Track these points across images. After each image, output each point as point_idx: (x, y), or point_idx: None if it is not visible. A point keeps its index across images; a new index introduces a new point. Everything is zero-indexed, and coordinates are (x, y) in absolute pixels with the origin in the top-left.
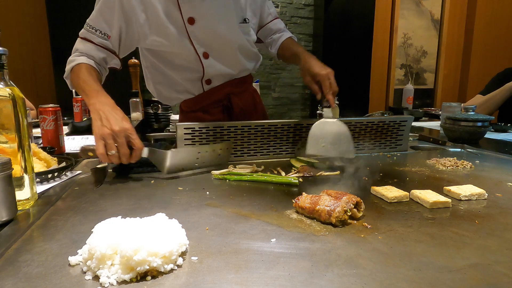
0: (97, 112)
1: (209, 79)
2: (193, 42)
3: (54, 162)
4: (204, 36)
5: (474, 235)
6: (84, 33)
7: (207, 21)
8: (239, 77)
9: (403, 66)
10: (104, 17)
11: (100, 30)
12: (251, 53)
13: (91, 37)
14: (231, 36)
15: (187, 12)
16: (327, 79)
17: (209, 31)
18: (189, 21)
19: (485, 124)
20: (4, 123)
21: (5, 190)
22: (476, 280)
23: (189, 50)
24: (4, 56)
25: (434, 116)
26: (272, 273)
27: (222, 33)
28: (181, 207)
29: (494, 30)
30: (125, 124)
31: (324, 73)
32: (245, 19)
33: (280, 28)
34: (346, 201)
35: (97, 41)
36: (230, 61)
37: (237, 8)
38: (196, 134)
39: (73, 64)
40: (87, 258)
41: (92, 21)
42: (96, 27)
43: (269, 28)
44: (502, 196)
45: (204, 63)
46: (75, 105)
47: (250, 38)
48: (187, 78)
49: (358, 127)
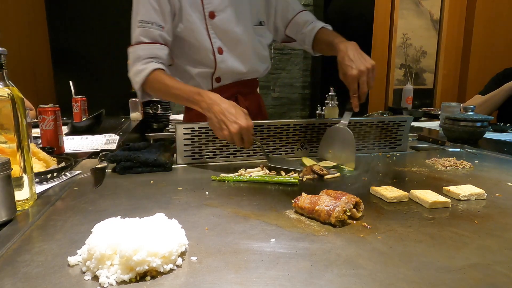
0: (213, 113)
1: (219, 76)
2: (211, 36)
3: (53, 162)
4: (222, 31)
5: (473, 235)
6: (139, 33)
7: (225, 17)
8: (247, 78)
9: (402, 66)
10: (152, 6)
11: (155, 22)
12: (263, 56)
13: (150, 32)
14: (246, 36)
15: (209, 6)
16: (355, 81)
17: (227, 27)
18: (210, 15)
19: (485, 124)
20: (3, 123)
21: (4, 190)
22: (475, 280)
23: (207, 43)
24: (3, 56)
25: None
26: (272, 273)
27: (237, 31)
28: (180, 207)
29: (493, 30)
30: (240, 120)
31: (353, 74)
32: (261, 22)
33: (308, 19)
34: (345, 201)
35: (157, 35)
36: (242, 59)
37: (252, 11)
38: (196, 134)
39: (146, 73)
40: (86, 258)
41: (145, 15)
42: (151, 20)
43: (296, 22)
44: (502, 196)
45: (217, 58)
46: (74, 105)
47: (264, 41)
48: (199, 74)
49: (358, 127)
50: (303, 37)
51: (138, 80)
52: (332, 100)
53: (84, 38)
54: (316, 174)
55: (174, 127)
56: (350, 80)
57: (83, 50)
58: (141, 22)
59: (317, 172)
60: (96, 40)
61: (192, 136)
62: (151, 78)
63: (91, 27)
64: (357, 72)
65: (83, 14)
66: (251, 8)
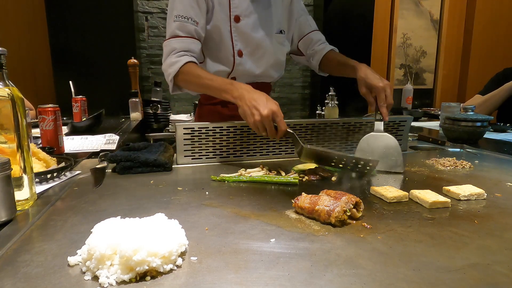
0: (244, 101)
1: (235, 77)
2: (233, 38)
3: (53, 162)
4: (244, 35)
5: (473, 235)
6: (175, 27)
7: (249, 22)
8: (260, 81)
9: (402, 66)
10: (190, 5)
11: (191, 17)
12: (280, 62)
13: (186, 26)
14: (267, 42)
15: (235, 10)
16: (383, 92)
17: (249, 32)
18: (235, 18)
19: (484, 124)
20: (3, 123)
21: (4, 190)
22: (475, 280)
23: (228, 45)
24: (3, 56)
25: (433, 116)
26: (272, 273)
27: (259, 37)
28: (180, 207)
29: (493, 30)
30: (272, 106)
31: (381, 86)
32: (281, 31)
33: (320, 39)
34: (345, 201)
35: (193, 30)
36: (259, 63)
37: (275, 19)
38: (196, 134)
39: (179, 64)
40: (86, 258)
41: (181, 11)
42: (187, 16)
43: (310, 38)
44: (502, 196)
45: (236, 60)
46: (74, 105)
47: (284, 49)
48: (217, 71)
49: (358, 127)
50: (313, 53)
51: (171, 72)
52: (332, 100)
53: (84, 38)
54: (320, 176)
55: (174, 127)
56: (378, 91)
57: (83, 50)
58: (177, 17)
59: (320, 173)
60: (96, 40)
61: (192, 136)
62: (184, 69)
63: (91, 27)
64: (383, 85)
65: (83, 14)
66: (274, 17)
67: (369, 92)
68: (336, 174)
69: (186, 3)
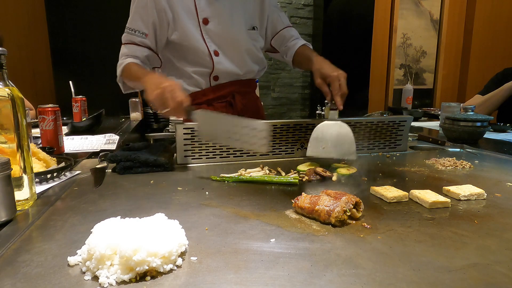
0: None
1: (217, 75)
2: (206, 41)
3: (53, 162)
4: (216, 36)
5: (473, 235)
6: (125, 37)
7: (219, 23)
8: (244, 78)
9: (402, 66)
10: (140, 17)
11: (138, 30)
12: (257, 58)
13: (132, 38)
14: (240, 40)
15: (202, 13)
16: (337, 81)
17: (220, 32)
18: (203, 21)
19: (484, 124)
20: (3, 123)
21: (4, 190)
22: (475, 280)
23: (202, 47)
24: (3, 56)
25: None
26: (272, 273)
27: (231, 35)
28: (180, 207)
29: (493, 30)
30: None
31: (334, 75)
32: (254, 27)
33: (293, 35)
34: (345, 201)
35: (138, 41)
36: (238, 61)
37: (246, 16)
38: (196, 134)
39: (122, 66)
40: (86, 259)
41: (130, 23)
42: (134, 28)
43: (282, 35)
44: (501, 196)
45: (215, 60)
46: (74, 105)
47: (257, 44)
48: (197, 72)
49: (358, 127)
50: (286, 50)
51: (118, 72)
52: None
53: (84, 38)
54: (319, 176)
55: (174, 127)
56: (332, 80)
57: (83, 50)
58: (127, 29)
59: (321, 173)
60: (96, 40)
61: (192, 136)
62: (125, 68)
63: (91, 27)
64: (337, 74)
65: (83, 14)
66: (245, 14)
67: (324, 82)
68: (336, 174)
69: (136, 17)
